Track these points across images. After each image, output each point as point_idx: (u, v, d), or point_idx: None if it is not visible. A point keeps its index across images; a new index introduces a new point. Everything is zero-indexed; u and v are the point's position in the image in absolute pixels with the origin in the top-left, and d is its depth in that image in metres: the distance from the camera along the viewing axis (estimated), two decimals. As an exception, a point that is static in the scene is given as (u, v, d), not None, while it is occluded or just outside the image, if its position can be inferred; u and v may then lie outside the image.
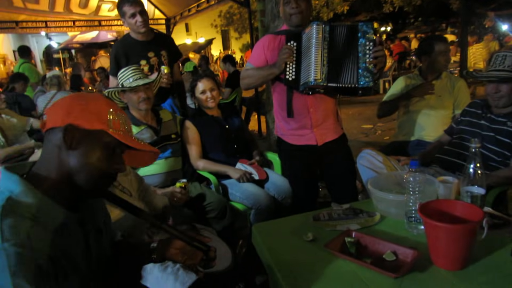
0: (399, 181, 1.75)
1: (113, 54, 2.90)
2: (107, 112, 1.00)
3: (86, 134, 0.96)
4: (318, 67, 1.92)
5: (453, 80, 2.84)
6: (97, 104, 1.00)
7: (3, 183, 0.92)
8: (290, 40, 2.04)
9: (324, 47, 1.92)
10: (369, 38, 1.90)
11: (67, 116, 0.96)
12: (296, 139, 2.29)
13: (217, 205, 2.30)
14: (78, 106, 0.98)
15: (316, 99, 2.19)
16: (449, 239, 1.13)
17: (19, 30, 7.59)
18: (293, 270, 1.24)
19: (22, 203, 0.88)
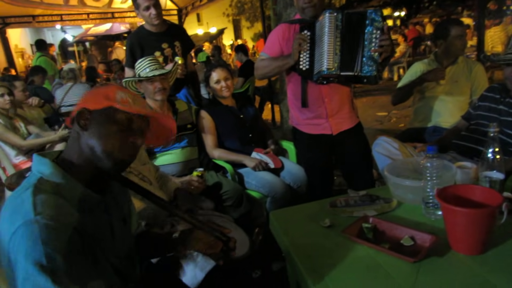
0: (415, 168, 1.74)
1: (128, 46, 2.93)
2: (115, 92, 1.04)
3: (98, 113, 1.01)
4: (331, 56, 1.91)
5: (470, 65, 2.79)
6: (107, 88, 1.06)
7: (35, 166, 0.98)
8: (304, 29, 2.03)
9: (336, 36, 1.90)
10: (377, 26, 1.88)
11: (81, 103, 1.03)
12: (312, 128, 2.29)
13: (234, 194, 2.32)
14: (90, 91, 1.08)
15: (330, 89, 2.18)
16: (468, 223, 1.13)
17: (35, 24, 7.72)
18: (311, 255, 1.26)
19: (52, 183, 0.94)
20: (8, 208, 0.90)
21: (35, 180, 0.94)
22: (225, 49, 18.27)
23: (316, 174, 2.40)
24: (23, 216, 0.84)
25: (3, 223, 0.87)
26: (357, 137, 2.36)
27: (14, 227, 0.83)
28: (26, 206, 0.86)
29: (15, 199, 0.90)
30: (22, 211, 0.85)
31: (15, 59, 11.62)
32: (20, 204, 0.87)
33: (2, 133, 3.17)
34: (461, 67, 2.76)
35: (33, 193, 0.89)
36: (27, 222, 0.83)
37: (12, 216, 0.86)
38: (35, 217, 0.83)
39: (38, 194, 0.89)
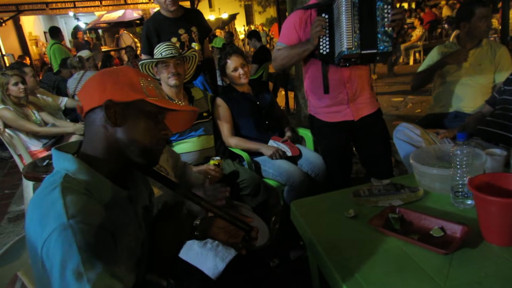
0: (439, 155, 1.69)
1: (144, 33, 2.90)
2: (139, 80, 0.99)
3: (127, 106, 0.95)
4: (350, 35, 1.86)
5: (494, 47, 2.68)
6: (127, 75, 0.99)
7: (58, 162, 0.94)
8: (321, 13, 1.98)
9: (354, 14, 1.85)
10: (386, 1, 1.85)
11: (102, 93, 0.95)
12: (332, 116, 2.24)
13: (251, 182, 2.29)
14: (110, 80, 0.97)
15: (351, 73, 2.14)
16: (503, 214, 1.08)
17: (49, 11, 7.74)
18: (336, 246, 1.22)
19: (79, 180, 0.90)
20: (37, 210, 0.86)
21: (61, 178, 0.89)
22: (237, 35, 18.10)
23: (335, 162, 2.36)
24: (55, 220, 0.80)
25: (33, 226, 0.84)
26: (377, 123, 2.32)
27: (47, 232, 0.80)
28: (57, 209, 0.82)
29: (43, 200, 0.87)
30: (54, 215, 0.81)
31: (29, 47, 11.74)
32: (50, 206, 0.83)
33: (15, 121, 3.18)
34: (485, 50, 2.66)
35: (62, 194, 0.84)
36: (60, 227, 0.79)
37: (43, 220, 0.82)
38: (68, 221, 0.80)
39: (67, 195, 0.84)
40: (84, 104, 0.98)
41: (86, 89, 1.00)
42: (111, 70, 1.03)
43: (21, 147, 3.20)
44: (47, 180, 0.93)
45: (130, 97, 0.95)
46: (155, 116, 0.99)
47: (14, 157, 3.28)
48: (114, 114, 0.93)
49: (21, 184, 3.50)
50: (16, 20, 10.13)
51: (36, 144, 3.32)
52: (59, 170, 0.92)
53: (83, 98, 0.99)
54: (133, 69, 1.04)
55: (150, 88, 1.00)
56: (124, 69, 1.03)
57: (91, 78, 1.02)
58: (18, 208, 3.59)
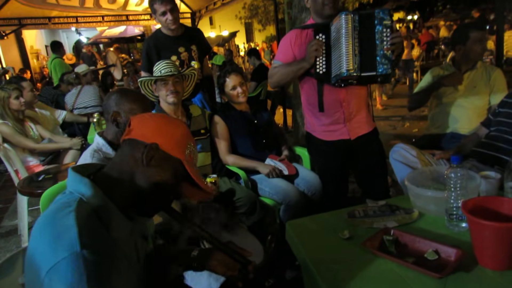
0: (435, 177, 1.69)
1: (144, 50, 2.93)
2: (187, 144, 1.06)
3: (165, 157, 1.01)
4: (350, 57, 1.89)
5: (489, 70, 2.72)
6: (182, 133, 1.06)
7: (73, 184, 0.95)
8: (319, 33, 2.01)
9: (354, 37, 1.89)
10: (386, 24, 1.89)
11: (157, 136, 1.01)
12: (328, 134, 2.25)
13: (247, 200, 2.29)
14: (168, 128, 1.05)
15: (348, 92, 2.15)
16: (497, 238, 1.08)
17: (51, 26, 7.81)
18: (331, 268, 1.22)
19: (92, 206, 0.91)
20: (48, 231, 0.85)
21: (75, 202, 0.90)
22: (239, 51, 18.23)
23: (331, 181, 2.36)
24: (68, 247, 0.80)
25: (41, 246, 0.83)
26: (373, 143, 2.32)
27: (57, 258, 0.79)
28: (71, 236, 0.81)
29: (57, 222, 0.86)
30: (67, 241, 0.80)
31: (30, 60, 11.81)
32: (64, 231, 0.82)
33: (12, 136, 3.19)
34: (480, 72, 2.70)
35: (77, 221, 0.84)
36: (72, 255, 0.79)
37: (55, 243, 0.81)
38: (81, 250, 0.79)
39: (82, 223, 0.84)
40: (134, 130, 1.03)
41: (145, 120, 1.06)
42: (173, 120, 1.11)
43: (18, 162, 3.20)
44: (60, 199, 0.93)
45: (174, 152, 1.02)
46: (178, 179, 1.04)
47: (10, 171, 3.27)
48: (151, 156, 0.99)
49: (15, 199, 3.48)
50: (18, 34, 10.21)
51: (33, 159, 3.32)
52: (73, 193, 0.93)
53: (137, 125, 1.05)
54: (188, 130, 1.11)
55: (191, 155, 1.07)
56: (183, 126, 1.10)
57: (156, 116, 1.11)
58: (10, 223, 3.53)
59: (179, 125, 1.09)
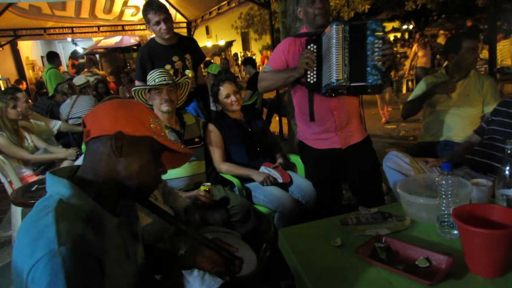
0: (428, 184, 1.69)
1: (138, 59, 2.93)
2: (149, 118, 1.04)
3: (134, 141, 0.99)
4: (340, 67, 1.90)
5: (482, 78, 2.74)
6: (139, 111, 1.04)
7: (52, 187, 0.94)
8: (310, 43, 2.03)
9: (344, 47, 1.90)
10: (378, 36, 1.89)
11: (114, 124, 0.98)
12: (320, 143, 2.26)
13: (241, 209, 2.28)
14: (123, 112, 1.01)
15: (339, 101, 2.16)
16: (487, 245, 1.08)
17: (47, 37, 7.82)
18: (323, 276, 1.21)
19: (73, 206, 0.91)
20: (27, 233, 0.85)
21: (55, 203, 0.89)
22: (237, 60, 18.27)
23: (324, 189, 2.36)
24: (46, 245, 0.80)
25: (22, 249, 0.83)
26: (366, 151, 2.32)
27: (36, 258, 0.79)
28: (49, 234, 0.81)
29: (35, 223, 0.86)
30: (45, 240, 0.81)
31: (26, 71, 11.81)
32: (43, 230, 0.82)
33: (7, 147, 3.18)
34: (473, 81, 2.72)
35: (55, 219, 0.84)
36: (50, 253, 0.79)
37: (34, 243, 0.81)
38: (59, 248, 0.79)
39: (61, 221, 0.84)
40: (91, 129, 1.00)
41: (97, 115, 1.02)
42: (125, 102, 1.08)
43: (12, 173, 3.19)
44: (39, 204, 0.92)
45: (140, 132, 1.00)
46: (156, 154, 1.04)
47: (4, 182, 3.25)
48: (121, 145, 0.97)
49: (9, 210, 3.45)
50: (13, 45, 10.22)
51: (27, 170, 3.31)
52: (52, 195, 0.92)
53: (91, 123, 1.01)
54: (144, 106, 1.09)
55: (157, 128, 1.05)
56: (137, 104, 1.09)
57: (104, 105, 1.05)
58: (5, 234, 3.51)
59: (135, 104, 1.07)
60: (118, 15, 7.79)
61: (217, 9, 6.96)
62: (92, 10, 7.31)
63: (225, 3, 6.64)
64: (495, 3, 3.62)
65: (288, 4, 3.88)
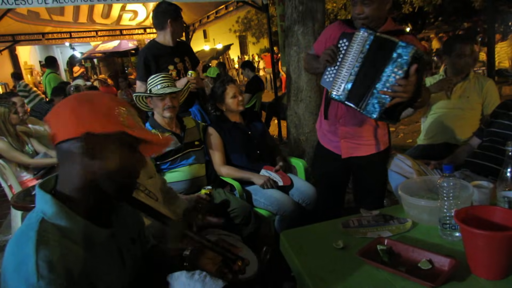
0: (429, 187, 1.69)
1: (141, 60, 2.92)
2: (115, 110, 0.93)
3: (105, 139, 0.90)
4: (345, 80, 1.72)
5: (481, 80, 2.75)
6: (102, 103, 0.93)
7: (38, 202, 0.91)
8: (344, 38, 1.78)
9: (358, 60, 1.70)
10: (400, 64, 1.59)
11: (78, 124, 0.88)
12: (326, 141, 2.17)
13: (241, 211, 2.28)
14: (85, 109, 0.90)
15: (348, 112, 1.97)
16: (489, 247, 1.08)
17: (45, 42, 7.84)
18: (325, 278, 1.21)
19: (56, 226, 0.87)
20: (12, 258, 0.83)
21: (37, 223, 0.85)
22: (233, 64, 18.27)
23: (325, 189, 2.31)
24: (25, 279, 0.79)
25: (8, 273, 0.82)
26: (371, 167, 2.11)
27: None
28: (29, 267, 0.79)
29: (18, 248, 0.84)
30: (25, 273, 0.79)
31: (24, 76, 11.80)
32: (23, 261, 0.81)
33: (7, 152, 3.19)
34: (472, 83, 2.73)
35: (36, 248, 0.81)
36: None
37: (16, 273, 0.81)
38: (38, 282, 0.78)
39: (41, 249, 0.81)
40: (56, 133, 0.91)
41: (58, 116, 0.92)
42: (84, 97, 0.95)
43: (12, 177, 3.18)
44: (27, 219, 0.90)
45: (109, 129, 0.90)
46: (132, 147, 0.96)
47: (4, 186, 3.25)
48: (92, 148, 0.89)
49: (9, 214, 3.45)
50: (12, 50, 10.22)
51: (27, 174, 3.30)
52: (37, 211, 0.89)
53: (55, 125, 0.91)
54: (108, 96, 0.97)
55: (128, 118, 0.94)
56: (98, 95, 0.96)
57: (65, 103, 0.94)
58: (5, 238, 3.50)
59: (97, 97, 0.95)
60: (116, 19, 7.80)
61: (215, 13, 6.98)
62: (90, 15, 7.32)
63: (222, 7, 6.66)
64: (492, 6, 3.64)
65: (287, 7, 3.89)
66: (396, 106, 1.66)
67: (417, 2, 11.84)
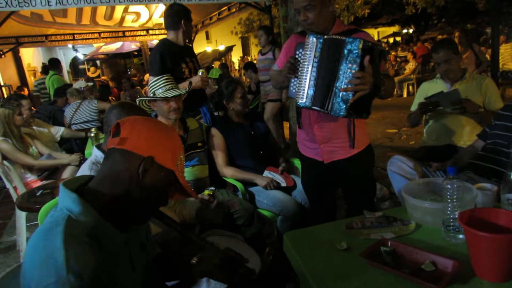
0: (432, 188, 1.69)
1: (158, 54, 2.91)
2: (179, 153, 1.07)
3: (159, 169, 1.01)
4: (306, 86, 1.77)
5: (478, 79, 2.75)
6: (174, 143, 1.07)
7: (63, 200, 0.95)
8: (299, 48, 1.83)
9: (313, 65, 1.74)
10: (352, 59, 1.63)
11: (152, 148, 1.00)
12: (306, 150, 2.17)
13: (245, 212, 2.29)
14: (162, 141, 1.04)
15: (320, 116, 1.98)
16: (493, 249, 1.08)
17: (48, 44, 7.89)
18: (328, 279, 1.21)
19: (81, 223, 0.91)
20: (38, 252, 0.85)
21: (63, 221, 0.89)
22: (234, 66, 18.31)
23: (311, 196, 2.32)
24: (55, 272, 0.81)
25: (32, 267, 0.84)
26: (354, 168, 2.08)
27: (45, 282, 0.80)
28: (58, 260, 0.82)
29: (45, 243, 0.86)
30: (54, 266, 0.82)
31: (27, 78, 11.87)
32: (52, 254, 0.83)
33: (12, 153, 3.21)
34: (470, 83, 2.73)
35: (64, 243, 0.84)
36: (60, 281, 0.80)
37: (44, 267, 0.82)
38: (67, 275, 0.80)
39: (70, 244, 0.85)
40: (127, 139, 1.00)
41: (137, 128, 1.03)
42: (166, 128, 1.10)
43: (17, 178, 3.21)
44: (51, 216, 0.93)
45: (168, 165, 1.02)
46: (169, 184, 1.07)
47: (8, 187, 3.27)
48: (146, 170, 0.99)
49: (14, 214, 3.47)
50: (15, 52, 10.27)
51: (31, 175, 3.33)
52: (62, 209, 0.93)
53: (128, 132, 1.01)
54: (178, 139, 1.11)
55: (181, 164, 1.09)
56: (175, 134, 1.11)
57: (147, 121, 1.06)
58: (9, 239, 3.53)
59: (172, 135, 1.09)
60: (119, 21, 7.84)
61: (218, 14, 7.00)
62: (93, 17, 7.36)
63: (225, 8, 6.67)
64: (496, 7, 3.63)
65: (290, 9, 3.91)
66: (361, 100, 1.68)
67: (420, 4, 11.79)
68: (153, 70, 2.94)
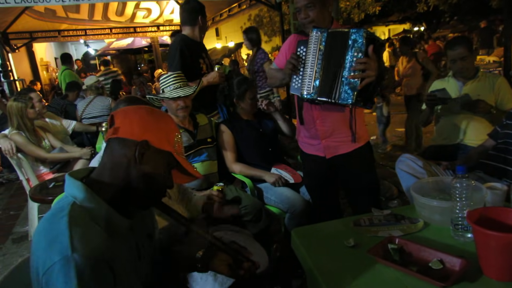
0: (441, 187, 1.69)
1: (178, 49, 2.89)
2: (175, 135, 1.09)
3: (156, 152, 1.03)
4: (311, 79, 1.81)
5: (491, 78, 2.71)
6: (168, 126, 1.09)
7: (68, 188, 0.98)
8: (301, 45, 1.90)
9: (318, 57, 1.80)
10: (357, 48, 1.70)
11: (145, 132, 1.02)
12: (307, 147, 2.19)
13: (252, 208, 2.30)
14: (154, 124, 1.05)
15: (323, 110, 2.02)
16: (502, 248, 1.08)
17: (61, 39, 7.98)
18: (336, 276, 1.22)
19: (85, 208, 0.94)
20: (44, 236, 0.89)
21: (68, 206, 0.93)
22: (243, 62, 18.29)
23: (314, 194, 2.32)
24: (60, 251, 0.83)
25: (39, 250, 0.87)
26: (357, 163, 2.11)
27: (51, 261, 0.83)
28: (63, 240, 0.85)
29: (51, 226, 0.90)
30: (59, 246, 0.84)
31: (40, 72, 12.00)
32: (57, 236, 0.86)
33: (25, 145, 3.27)
34: (482, 81, 2.69)
35: (69, 224, 0.87)
36: (64, 260, 0.82)
37: (49, 248, 0.85)
38: (72, 254, 0.83)
39: (74, 226, 0.88)
40: (121, 128, 1.03)
41: (129, 116, 1.05)
42: (158, 113, 1.11)
43: (30, 171, 3.27)
44: (56, 204, 0.96)
45: (164, 146, 1.05)
46: (170, 166, 1.08)
47: (22, 179, 3.34)
48: (142, 154, 1.01)
49: (27, 206, 3.54)
50: (29, 47, 10.39)
51: (44, 168, 3.38)
52: (67, 196, 0.96)
53: (121, 121, 1.04)
54: (173, 121, 1.13)
55: (179, 145, 1.10)
56: (168, 118, 1.13)
57: (137, 109, 1.09)
58: (22, 229, 3.61)
59: (165, 118, 1.10)
60: (130, 17, 7.89)
61: (228, 11, 7.01)
62: (105, 13, 7.42)
63: (236, 5, 6.68)
64: (510, 5, 3.58)
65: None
66: (367, 88, 1.75)
67: (432, 1, 11.68)
68: (172, 65, 2.93)
